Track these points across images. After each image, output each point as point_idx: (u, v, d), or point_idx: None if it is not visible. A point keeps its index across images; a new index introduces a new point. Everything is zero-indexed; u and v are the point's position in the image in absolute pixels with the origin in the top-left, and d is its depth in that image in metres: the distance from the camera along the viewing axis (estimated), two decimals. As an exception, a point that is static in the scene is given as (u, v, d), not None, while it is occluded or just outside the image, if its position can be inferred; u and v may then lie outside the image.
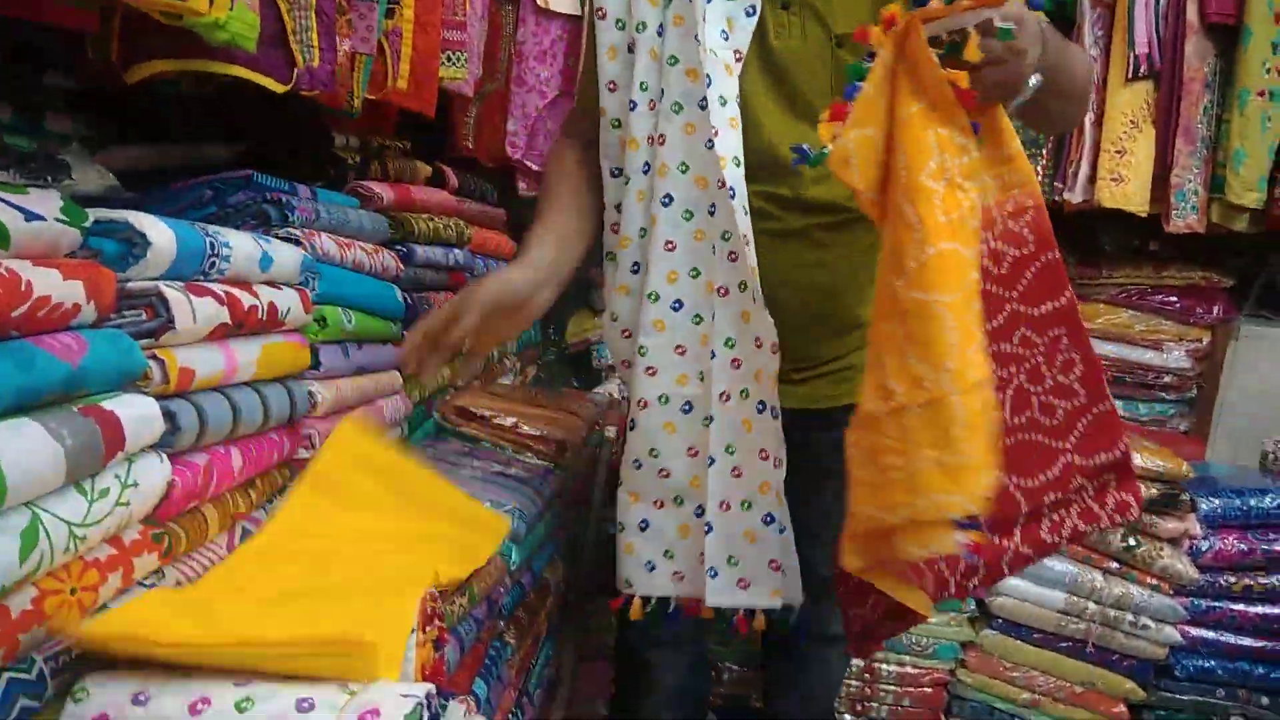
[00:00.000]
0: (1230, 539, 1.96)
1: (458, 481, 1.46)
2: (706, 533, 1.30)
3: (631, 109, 1.32)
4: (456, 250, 1.89)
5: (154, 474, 0.93)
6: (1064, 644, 1.99)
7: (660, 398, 1.31)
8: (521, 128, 2.49)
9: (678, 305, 1.29)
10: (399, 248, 1.62)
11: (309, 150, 1.60)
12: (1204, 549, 1.95)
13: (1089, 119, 2.30)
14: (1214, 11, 2.22)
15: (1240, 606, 1.97)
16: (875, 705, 2.06)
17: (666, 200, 1.28)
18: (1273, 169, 2.29)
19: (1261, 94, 2.25)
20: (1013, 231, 1.03)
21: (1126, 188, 2.28)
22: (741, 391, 1.28)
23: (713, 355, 1.29)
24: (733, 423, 1.29)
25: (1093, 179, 2.30)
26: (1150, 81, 2.30)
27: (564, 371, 2.89)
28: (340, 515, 1.15)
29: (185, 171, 1.30)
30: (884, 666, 2.04)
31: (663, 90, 1.29)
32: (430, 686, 0.80)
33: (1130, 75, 2.28)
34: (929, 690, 2.05)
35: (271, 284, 1.18)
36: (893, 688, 2.05)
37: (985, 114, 1.00)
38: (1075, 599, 1.95)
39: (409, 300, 1.59)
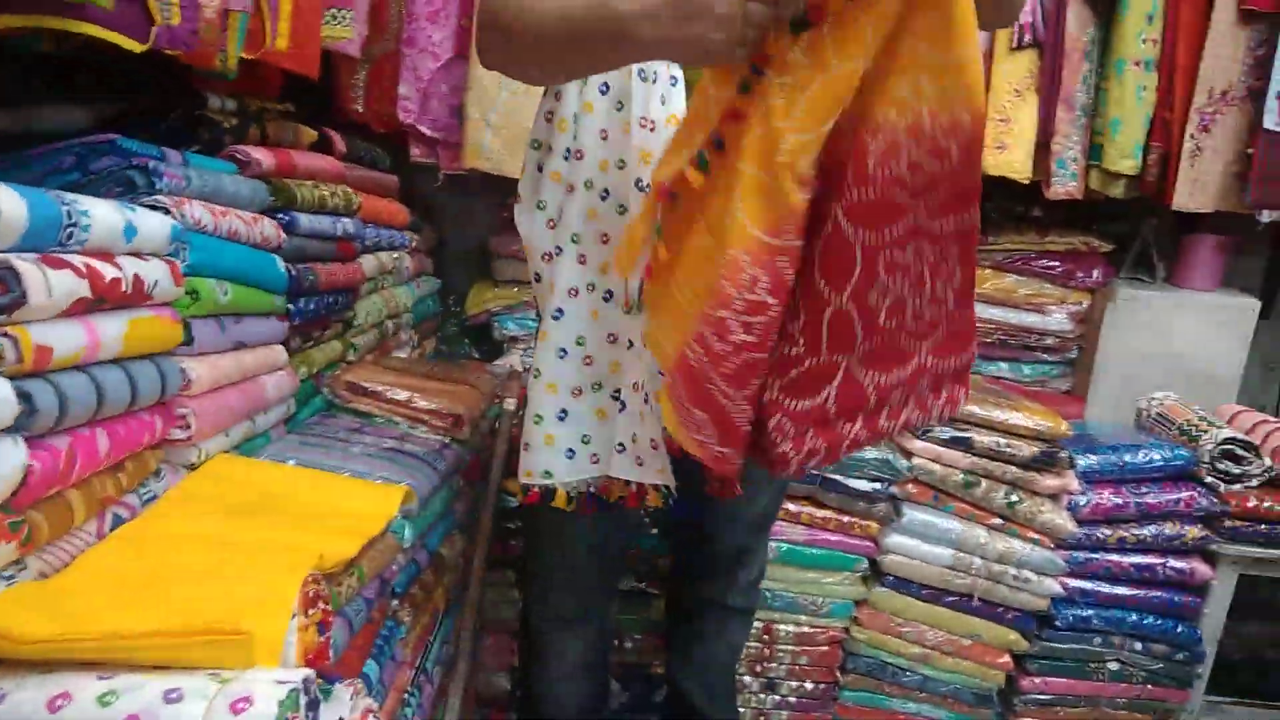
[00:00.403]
0: (1106, 493, 2.05)
1: (347, 459, 1.43)
2: (620, 410, 1.32)
3: None
4: (345, 219, 1.83)
5: (8, 459, 0.88)
6: (951, 599, 2.06)
7: (589, 285, 1.31)
8: (414, 91, 2.42)
9: (605, 194, 1.28)
10: (280, 216, 1.55)
11: (180, 113, 1.52)
12: (1082, 503, 2.03)
13: (976, 88, 2.35)
14: (1093, -18, 2.29)
15: (1115, 557, 2.06)
16: (774, 665, 2.10)
17: (604, 88, 1.27)
18: (1147, 137, 2.39)
19: (1137, 63, 2.34)
20: (941, 147, 0.99)
21: (1010, 155, 2.35)
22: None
23: None
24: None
25: (979, 147, 2.36)
26: (1034, 51, 2.36)
27: (464, 343, 2.84)
28: (216, 511, 1.12)
29: (46, 136, 1.22)
30: (781, 627, 2.08)
31: None
32: (308, 672, 0.77)
33: (1016, 44, 2.33)
34: (825, 648, 2.10)
35: (137, 255, 1.12)
36: (790, 647, 2.10)
37: (930, 8, 0.92)
38: (962, 555, 2.02)
39: (292, 271, 1.54)
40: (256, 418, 1.42)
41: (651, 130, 1.24)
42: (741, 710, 2.09)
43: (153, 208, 1.19)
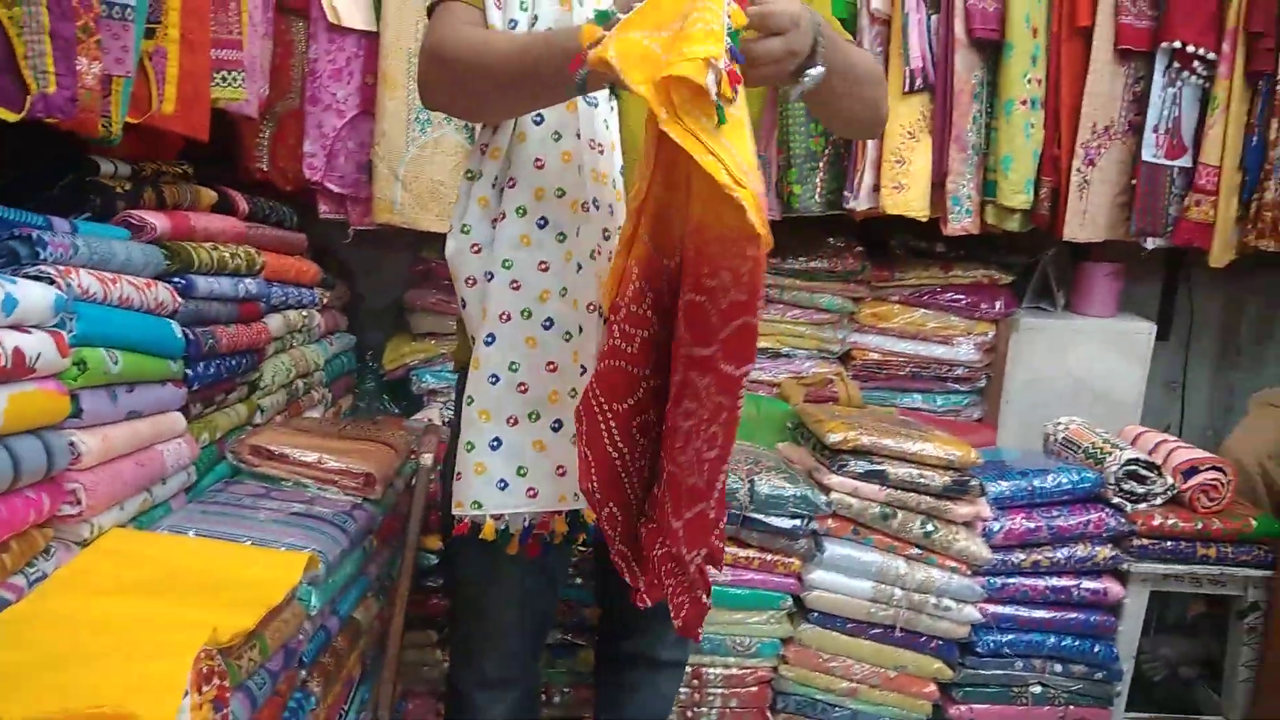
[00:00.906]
0: (1018, 518, 2.10)
1: (251, 527, 1.39)
2: (556, 431, 1.31)
3: (511, 26, 1.28)
4: (247, 279, 1.80)
5: (-128, 548, 0.84)
6: (875, 631, 2.07)
7: (523, 312, 1.29)
8: (320, 148, 2.41)
9: (543, 222, 1.28)
10: (177, 280, 1.53)
11: (70, 180, 1.49)
12: (995, 530, 2.08)
13: (871, 130, 2.42)
14: (978, 27, 2.39)
15: (1031, 581, 2.10)
16: (705, 710, 2.09)
17: (538, 119, 1.27)
18: (1038, 172, 2.49)
19: (1024, 102, 2.44)
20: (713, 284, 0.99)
21: (908, 195, 2.42)
22: (597, 305, 1.28)
23: (579, 269, 1.29)
24: (594, 333, 1.29)
25: (877, 188, 2.43)
26: (926, 94, 2.44)
27: (383, 399, 2.80)
28: (109, 589, 1.08)
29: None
30: (710, 670, 2.07)
31: (535, 17, 1.27)
32: (195, 753, 0.75)
33: (907, 88, 2.42)
34: (754, 689, 2.10)
35: (18, 328, 1.09)
36: (720, 690, 2.08)
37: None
38: (883, 586, 2.03)
39: (190, 336, 1.50)
40: (154, 488, 1.38)
41: (601, 153, 1.26)
42: (674, 758, 2.07)
43: (36, 278, 1.16)
